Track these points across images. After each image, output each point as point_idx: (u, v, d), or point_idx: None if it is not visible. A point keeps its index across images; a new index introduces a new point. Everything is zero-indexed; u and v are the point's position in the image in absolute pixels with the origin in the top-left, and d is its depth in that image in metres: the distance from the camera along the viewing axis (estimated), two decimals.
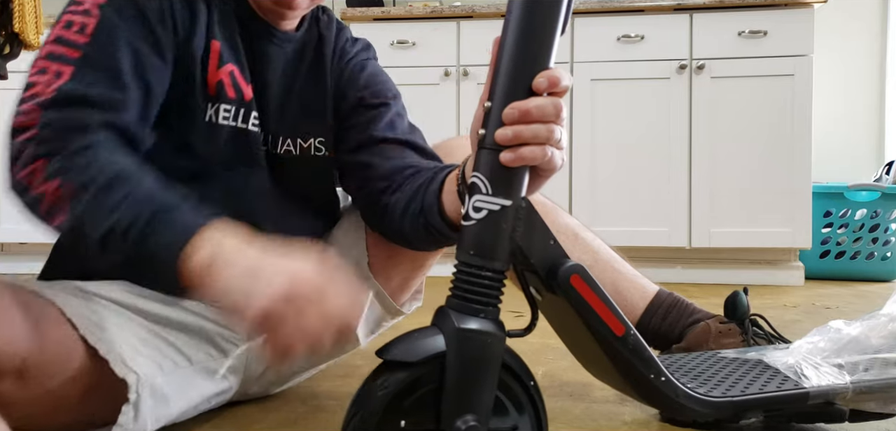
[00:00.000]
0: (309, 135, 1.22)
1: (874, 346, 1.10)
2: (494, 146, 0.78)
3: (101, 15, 0.99)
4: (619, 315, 0.84)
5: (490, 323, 0.78)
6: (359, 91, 1.24)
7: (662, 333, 1.40)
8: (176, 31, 1.06)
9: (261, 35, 1.17)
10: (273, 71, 1.18)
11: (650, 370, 0.88)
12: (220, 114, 1.11)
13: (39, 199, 0.90)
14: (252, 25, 1.16)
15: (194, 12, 1.08)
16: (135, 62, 1.00)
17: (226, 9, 1.13)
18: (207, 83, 1.10)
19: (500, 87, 0.79)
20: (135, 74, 1.00)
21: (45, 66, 0.96)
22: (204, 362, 1.15)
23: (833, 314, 2.35)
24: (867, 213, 3.14)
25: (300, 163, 1.22)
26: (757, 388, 1.02)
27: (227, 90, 1.11)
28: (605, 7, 3.06)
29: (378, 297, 1.27)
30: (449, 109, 3.16)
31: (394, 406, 0.76)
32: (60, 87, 0.94)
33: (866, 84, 3.69)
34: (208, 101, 1.11)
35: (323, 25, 1.25)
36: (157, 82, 1.04)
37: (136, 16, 1.02)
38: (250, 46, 1.16)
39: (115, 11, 1.00)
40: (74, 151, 0.91)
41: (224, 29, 1.12)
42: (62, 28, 0.99)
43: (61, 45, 0.98)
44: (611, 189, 3.08)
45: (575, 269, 0.82)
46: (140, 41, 1.01)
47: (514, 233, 0.78)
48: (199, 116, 1.10)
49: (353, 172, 1.23)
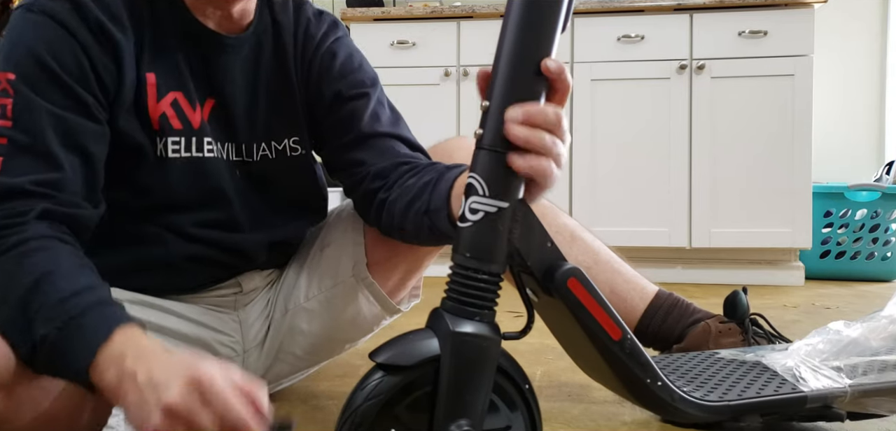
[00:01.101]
0: (282, 135, 1.18)
1: (873, 348, 1.09)
2: (492, 147, 0.77)
3: (15, 92, 0.94)
4: (616, 318, 0.84)
5: (486, 326, 0.77)
6: (334, 83, 1.18)
7: (663, 334, 1.39)
8: (100, 80, 1.00)
9: (211, 47, 1.11)
10: (232, 81, 1.13)
11: (647, 374, 0.87)
12: (169, 148, 1.07)
13: None
14: (201, 40, 1.10)
15: (117, 52, 1.01)
16: (63, 133, 0.95)
17: (162, 33, 1.07)
18: (150, 119, 1.05)
19: (498, 87, 0.78)
20: (66, 146, 0.95)
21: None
22: None
23: (833, 314, 2.35)
24: (867, 213, 3.14)
25: (278, 165, 1.18)
26: (754, 392, 1.02)
27: (171, 121, 1.06)
28: (605, 7, 3.06)
29: (376, 296, 1.27)
30: (449, 109, 3.15)
31: (387, 410, 0.76)
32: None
33: (866, 84, 3.68)
34: (155, 136, 1.06)
35: (277, 9, 1.18)
36: (94, 143, 0.99)
37: (51, 82, 0.96)
38: (203, 63, 1.10)
39: (28, 85, 0.94)
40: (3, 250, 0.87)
41: (160, 56, 1.06)
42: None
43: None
44: (611, 189, 3.07)
45: (572, 272, 0.81)
46: (62, 109, 0.96)
47: (511, 236, 0.78)
48: (149, 154, 1.06)
49: (343, 169, 1.20)
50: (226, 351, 1.20)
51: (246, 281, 1.24)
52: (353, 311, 1.27)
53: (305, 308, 1.26)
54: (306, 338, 1.28)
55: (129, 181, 1.06)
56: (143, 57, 1.05)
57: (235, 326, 1.23)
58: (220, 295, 1.22)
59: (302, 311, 1.26)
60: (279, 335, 1.26)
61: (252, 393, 0.77)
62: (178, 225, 1.11)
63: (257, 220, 1.18)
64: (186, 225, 1.11)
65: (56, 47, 0.96)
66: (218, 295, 1.21)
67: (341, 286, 1.26)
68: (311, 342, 1.29)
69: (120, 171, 1.04)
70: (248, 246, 1.18)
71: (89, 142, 0.98)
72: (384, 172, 1.14)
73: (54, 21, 0.97)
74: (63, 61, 0.96)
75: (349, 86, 1.19)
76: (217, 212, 1.13)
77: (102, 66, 1.00)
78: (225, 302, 1.22)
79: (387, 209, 1.12)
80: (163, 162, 1.07)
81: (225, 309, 1.22)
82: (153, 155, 1.06)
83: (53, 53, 0.96)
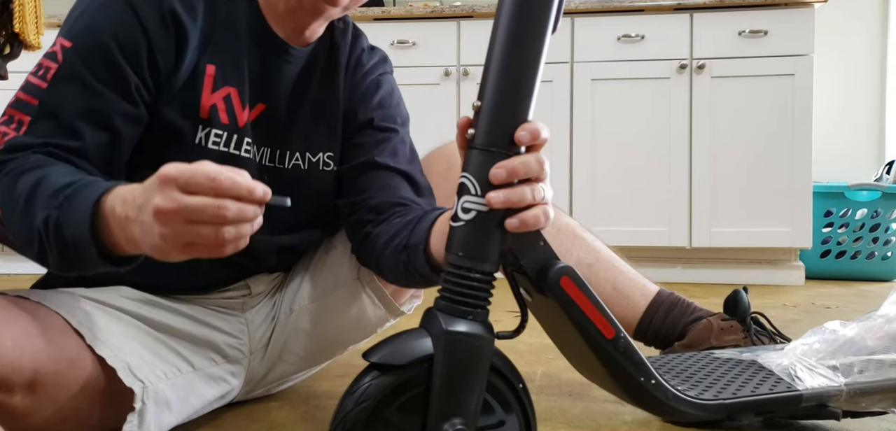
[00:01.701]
0: (318, 149, 1.18)
1: (869, 348, 1.09)
2: (483, 146, 0.78)
3: (63, 60, 0.97)
4: (609, 317, 0.84)
5: (479, 325, 0.77)
6: (370, 111, 1.21)
7: (664, 331, 1.40)
8: (154, 64, 1.01)
9: (275, 54, 1.12)
10: (283, 86, 1.14)
11: (640, 373, 0.88)
12: (210, 138, 1.07)
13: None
14: (267, 45, 1.12)
15: (181, 39, 1.03)
16: (95, 109, 0.97)
17: (232, 28, 1.09)
18: (200, 106, 1.06)
19: (490, 89, 0.78)
20: (93, 123, 0.97)
21: (12, 115, 0.95)
22: (207, 368, 1.15)
23: (833, 314, 2.35)
24: (867, 213, 3.14)
25: (307, 176, 1.18)
26: (749, 390, 1.02)
27: (219, 115, 1.07)
28: (605, 7, 3.05)
29: (380, 298, 1.27)
30: (449, 109, 3.15)
31: (380, 409, 0.76)
32: (13, 139, 0.93)
33: (867, 84, 3.68)
34: (199, 124, 1.07)
35: (337, 33, 1.21)
36: (123, 123, 1.00)
37: (102, 57, 0.98)
38: (262, 66, 1.12)
39: (78, 55, 0.97)
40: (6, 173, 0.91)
41: (224, 50, 1.08)
42: (33, 72, 0.98)
43: (26, 92, 0.96)
44: (611, 188, 3.07)
45: (565, 271, 0.82)
46: (103, 85, 0.97)
47: (504, 235, 0.78)
48: (187, 139, 1.06)
49: (347, 190, 1.20)
50: (233, 353, 1.21)
51: (254, 284, 1.24)
52: (358, 313, 1.28)
53: (310, 309, 1.27)
54: (310, 339, 1.28)
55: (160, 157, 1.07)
56: (208, 47, 1.06)
57: (242, 327, 1.23)
58: (229, 296, 1.22)
59: (306, 312, 1.27)
60: (284, 335, 1.27)
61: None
62: None
63: (274, 225, 1.17)
64: None
65: (119, 26, 0.99)
66: (226, 296, 1.22)
67: (346, 288, 1.26)
68: (315, 343, 1.29)
69: (152, 153, 1.04)
70: (260, 249, 1.18)
71: (119, 122, 0.99)
72: (379, 208, 1.15)
73: (127, 5, 0.99)
74: (120, 42, 0.98)
75: (382, 117, 1.22)
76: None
77: (160, 50, 1.01)
78: (233, 304, 1.23)
79: (370, 241, 1.13)
80: (199, 150, 1.07)
81: (232, 310, 1.22)
82: (191, 141, 1.07)
83: (113, 31, 0.98)
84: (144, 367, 1.02)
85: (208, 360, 1.16)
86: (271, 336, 1.27)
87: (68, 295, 1.04)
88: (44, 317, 0.96)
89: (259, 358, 1.26)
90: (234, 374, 1.21)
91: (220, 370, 1.18)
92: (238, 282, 1.23)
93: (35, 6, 1.75)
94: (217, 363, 1.17)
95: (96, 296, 1.05)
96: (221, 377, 1.18)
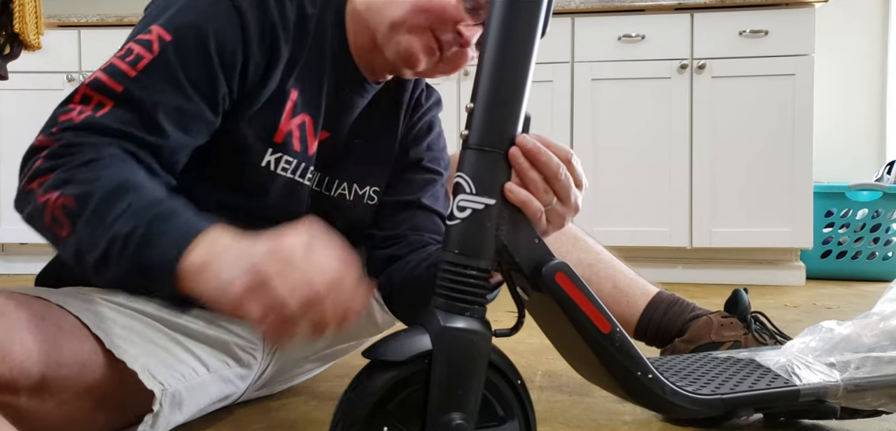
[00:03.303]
0: (367, 182, 1.18)
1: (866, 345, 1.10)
2: (477, 146, 0.79)
3: (160, 51, 0.93)
4: (605, 312, 0.85)
5: (476, 321, 0.78)
6: (420, 152, 1.22)
7: (664, 327, 1.41)
8: (244, 76, 0.99)
9: (351, 86, 1.11)
10: (348, 119, 1.13)
11: (637, 367, 0.88)
12: (280, 164, 1.06)
13: (42, 211, 0.86)
14: (346, 76, 1.10)
15: (274, 56, 1.01)
16: (180, 109, 0.94)
17: (318, 54, 1.06)
18: (277, 130, 1.04)
19: (482, 90, 0.80)
20: (176, 122, 0.94)
21: (89, 95, 0.91)
22: (221, 370, 1.16)
23: (834, 314, 2.35)
24: (868, 213, 3.14)
25: (350, 206, 1.17)
26: (747, 386, 1.02)
27: (293, 142, 1.06)
28: (605, 7, 3.06)
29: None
30: (449, 109, 3.16)
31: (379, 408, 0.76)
32: (90, 117, 0.90)
33: (867, 84, 3.68)
34: (271, 147, 1.04)
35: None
36: (198, 130, 0.98)
37: (201, 59, 0.95)
38: (337, 96, 1.10)
39: (177, 51, 0.93)
40: (80, 163, 0.86)
41: (308, 75, 1.06)
42: (120, 56, 0.93)
43: (110, 75, 0.92)
44: (612, 189, 3.07)
45: (560, 267, 0.82)
46: (193, 88, 0.95)
47: (499, 232, 0.79)
48: (255, 159, 1.04)
49: (385, 222, 1.20)
50: (246, 357, 1.21)
51: None
52: (365, 316, 1.29)
53: None
54: (319, 342, 1.29)
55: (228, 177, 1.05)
56: (295, 70, 1.04)
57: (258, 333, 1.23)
58: None
59: None
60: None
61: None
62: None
63: None
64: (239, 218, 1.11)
65: (224, 31, 0.96)
66: None
67: None
68: (323, 346, 1.31)
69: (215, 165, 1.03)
70: None
71: (197, 127, 0.97)
72: (415, 244, 1.16)
73: (234, 6, 0.97)
74: (222, 46, 0.96)
75: (430, 159, 1.23)
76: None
77: (254, 65, 0.99)
78: None
79: (400, 264, 1.14)
80: (267, 173, 1.05)
81: None
82: (258, 162, 1.04)
83: (217, 36, 0.95)
84: (163, 369, 1.01)
85: (222, 363, 1.16)
86: None
87: (83, 295, 1.02)
88: (56, 319, 0.94)
89: (268, 361, 1.26)
90: (242, 378, 1.21)
91: (231, 372, 1.18)
92: None
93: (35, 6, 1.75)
94: (230, 365, 1.17)
95: (112, 297, 1.03)
96: (231, 379, 1.19)
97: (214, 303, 0.78)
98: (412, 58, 1.04)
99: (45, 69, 3.07)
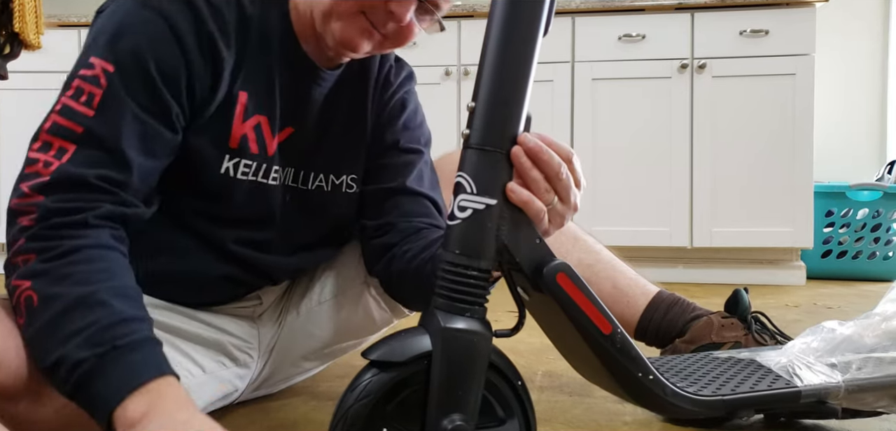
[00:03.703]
0: (342, 171, 1.17)
1: (868, 345, 1.10)
2: (479, 146, 0.79)
3: (108, 84, 0.92)
4: (606, 313, 0.84)
5: (476, 322, 0.78)
6: (396, 132, 1.19)
7: (664, 328, 1.40)
8: (191, 91, 0.98)
9: (306, 76, 1.10)
10: (312, 109, 1.12)
11: (638, 368, 0.88)
12: (239, 168, 1.05)
13: (13, 292, 0.86)
14: (298, 68, 1.09)
15: (217, 67, 1.00)
16: (141, 136, 0.93)
17: (264, 52, 1.06)
18: (230, 136, 1.04)
19: (483, 90, 0.79)
20: (140, 149, 0.93)
21: (50, 141, 0.90)
22: (217, 371, 1.15)
23: (835, 314, 2.35)
24: (869, 213, 3.14)
25: (329, 197, 1.17)
26: (748, 387, 1.02)
27: (249, 145, 1.05)
28: (606, 6, 3.06)
29: (386, 300, 1.28)
30: (450, 109, 3.16)
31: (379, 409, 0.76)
32: (60, 168, 0.88)
33: (868, 83, 3.68)
34: (227, 153, 1.04)
35: None
36: (163, 150, 0.97)
37: (146, 84, 0.94)
38: (292, 89, 1.09)
39: (123, 81, 0.92)
40: (58, 255, 0.85)
41: (256, 76, 1.05)
42: (71, 96, 0.92)
43: (67, 117, 0.91)
44: (612, 188, 3.07)
45: (561, 267, 0.82)
46: (147, 113, 0.94)
47: (499, 232, 0.79)
48: (214, 167, 1.04)
49: (371, 212, 1.19)
50: (243, 357, 1.21)
51: (266, 295, 1.24)
52: (363, 314, 1.29)
53: (317, 312, 1.27)
54: (316, 341, 1.29)
55: (189, 186, 1.05)
56: (241, 73, 1.03)
57: (253, 332, 1.23)
58: (241, 306, 1.22)
59: (313, 315, 1.27)
60: (291, 337, 1.27)
61: None
62: (219, 240, 1.09)
63: (291, 245, 1.17)
64: (227, 241, 1.10)
65: (161, 51, 0.95)
66: (238, 306, 1.22)
67: (352, 291, 1.27)
68: (321, 344, 1.30)
69: (177, 179, 1.02)
70: (276, 269, 1.18)
71: (160, 149, 0.96)
72: (407, 231, 1.14)
73: (168, 27, 0.95)
74: (163, 67, 0.95)
75: (408, 139, 1.20)
76: (257, 232, 1.12)
77: (198, 78, 0.98)
78: (244, 313, 1.23)
79: (397, 258, 1.13)
80: (228, 180, 1.05)
81: (243, 318, 1.23)
82: (217, 170, 1.04)
83: (156, 57, 0.94)
84: None
85: (218, 364, 1.16)
86: (278, 338, 1.27)
87: None
88: None
89: (265, 360, 1.26)
90: (240, 377, 1.21)
91: (229, 373, 1.18)
92: (250, 295, 1.23)
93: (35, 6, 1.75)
94: (227, 366, 1.17)
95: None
96: (229, 380, 1.19)
97: None
98: (350, 43, 1.03)
99: (45, 69, 3.06)
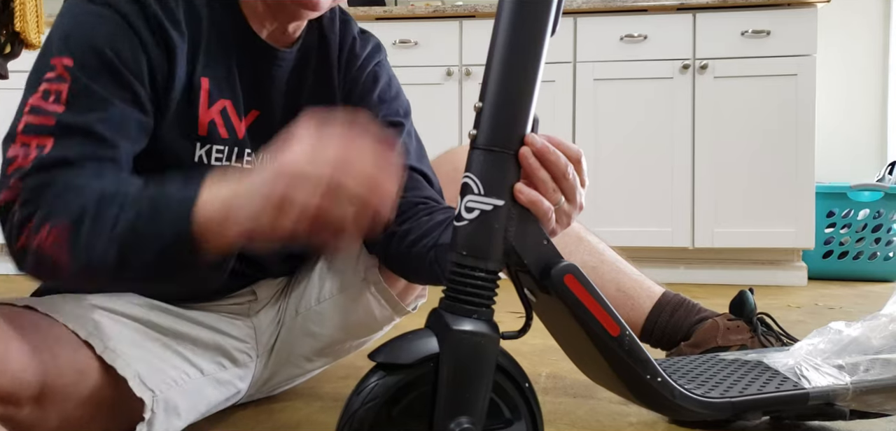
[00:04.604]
0: None
1: (875, 347, 1.09)
2: (486, 146, 0.78)
3: (72, 78, 0.92)
4: (614, 315, 0.84)
5: (484, 323, 0.77)
6: (372, 108, 1.18)
7: (670, 330, 1.40)
8: (153, 77, 0.98)
9: (262, 58, 1.09)
10: (276, 90, 1.12)
11: (646, 370, 0.87)
12: (212, 155, 1.05)
13: (40, 255, 0.85)
14: (253, 50, 1.08)
15: (171, 54, 0.99)
16: (113, 118, 0.93)
17: (218, 39, 1.05)
18: (198, 123, 1.03)
19: (491, 90, 0.79)
20: (116, 130, 0.93)
21: (27, 141, 0.89)
22: (216, 373, 1.15)
23: (836, 314, 2.34)
24: (870, 213, 3.13)
25: None
26: (756, 389, 1.02)
27: (219, 130, 1.05)
28: (608, 7, 3.05)
29: (386, 298, 1.27)
30: (451, 109, 3.15)
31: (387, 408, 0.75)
32: (39, 157, 0.88)
33: (869, 84, 3.68)
34: (198, 142, 1.04)
35: (325, 25, 1.17)
36: (138, 134, 0.97)
37: (108, 73, 0.94)
38: (252, 72, 1.09)
39: (85, 72, 0.92)
40: (55, 195, 0.86)
41: (214, 62, 1.05)
42: (40, 98, 0.92)
43: (38, 115, 0.91)
44: (614, 189, 3.07)
45: (569, 269, 0.81)
46: (114, 96, 0.94)
47: (507, 233, 0.78)
48: (187, 156, 1.04)
49: None
50: (241, 357, 1.20)
51: (260, 290, 1.24)
52: (364, 313, 1.28)
53: (317, 310, 1.26)
54: (317, 340, 1.28)
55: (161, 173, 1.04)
56: (198, 61, 1.03)
57: (250, 331, 1.23)
58: (236, 301, 1.22)
59: (313, 314, 1.26)
60: (290, 338, 1.27)
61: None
62: None
63: None
64: None
65: (116, 40, 0.95)
66: (233, 302, 1.21)
67: (351, 289, 1.26)
68: (322, 344, 1.29)
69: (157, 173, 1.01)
70: (266, 258, 1.18)
71: (134, 133, 0.96)
72: (402, 207, 1.12)
73: (117, 15, 0.95)
74: (122, 54, 0.95)
75: (386, 112, 1.19)
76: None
77: (158, 65, 0.98)
78: (240, 310, 1.22)
79: (397, 239, 1.12)
80: (202, 168, 1.04)
81: (240, 315, 1.22)
82: (191, 159, 1.04)
83: (113, 45, 0.94)
84: (154, 375, 1.01)
85: (217, 365, 1.15)
86: (278, 338, 1.26)
87: (76, 303, 1.02)
88: (51, 329, 0.95)
89: (265, 360, 1.26)
90: (241, 378, 1.21)
91: (229, 374, 1.18)
92: (244, 289, 1.22)
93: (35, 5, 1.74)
94: (225, 367, 1.17)
95: (105, 303, 1.03)
96: (229, 381, 1.18)
97: (248, 242, 0.78)
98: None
99: None
